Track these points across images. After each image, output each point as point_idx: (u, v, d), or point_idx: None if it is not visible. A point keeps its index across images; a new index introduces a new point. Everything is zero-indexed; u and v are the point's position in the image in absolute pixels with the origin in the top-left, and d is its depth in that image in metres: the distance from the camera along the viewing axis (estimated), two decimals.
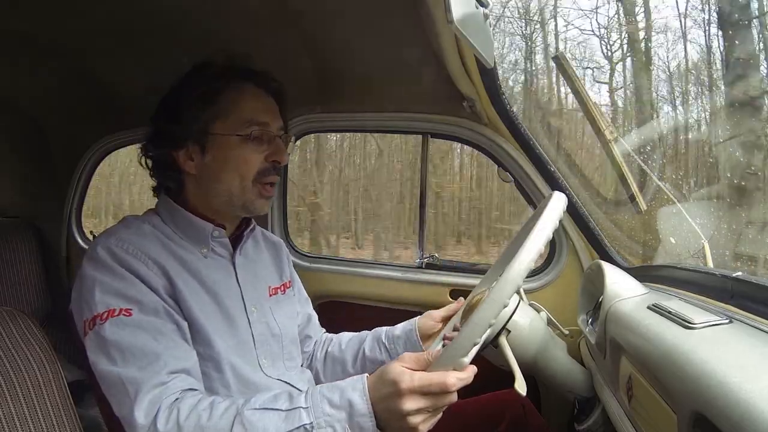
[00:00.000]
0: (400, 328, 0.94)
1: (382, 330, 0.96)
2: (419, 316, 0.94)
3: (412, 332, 0.92)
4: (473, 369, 0.59)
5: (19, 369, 0.74)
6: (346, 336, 0.99)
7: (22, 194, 1.61)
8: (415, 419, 0.58)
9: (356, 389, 0.60)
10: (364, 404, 0.58)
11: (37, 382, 0.74)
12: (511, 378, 0.64)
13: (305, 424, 0.59)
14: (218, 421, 0.60)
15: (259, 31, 0.99)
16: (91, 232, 1.63)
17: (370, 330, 0.98)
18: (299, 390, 0.84)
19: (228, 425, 0.60)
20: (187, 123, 0.77)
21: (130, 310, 0.68)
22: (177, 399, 0.63)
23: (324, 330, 1.04)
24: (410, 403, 0.57)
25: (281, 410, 0.61)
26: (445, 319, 0.93)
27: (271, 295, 0.88)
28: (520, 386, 0.63)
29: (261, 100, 0.81)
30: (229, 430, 0.59)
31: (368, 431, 0.58)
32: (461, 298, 0.94)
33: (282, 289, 0.93)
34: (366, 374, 0.62)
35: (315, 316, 1.03)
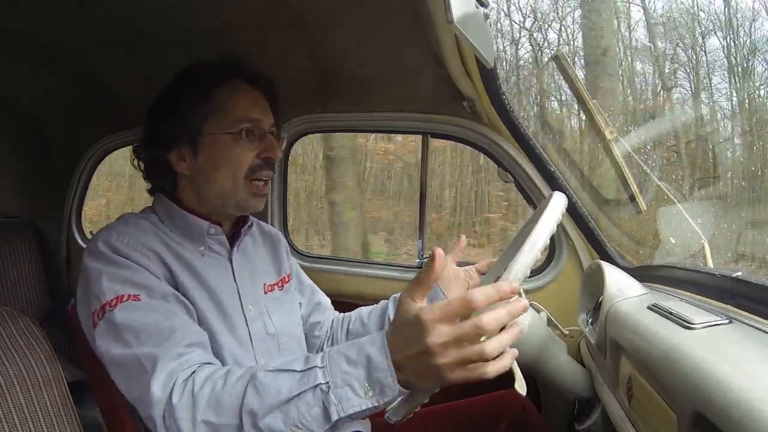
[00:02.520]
0: None
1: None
2: None
3: (435, 287, 0.90)
4: (514, 290, 0.53)
5: (19, 369, 0.74)
6: (364, 311, 0.97)
7: (22, 194, 1.61)
8: (442, 359, 0.51)
9: (374, 343, 0.55)
10: (382, 358, 0.53)
11: (37, 382, 0.74)
12: (511, 378, 0.65)
13: (320, 384, 0.55)
14: (232, 388, 0.59)
15: (259, 31, 0.99)
16: (90, 232, 1.63)
17: None
18: None
19: (241, 390, 0.58)
20: (179, 124, 0.77)
21: (139, 295, 0.67)
22: (194, 372, 0.62)
23: (337, 312, 1.02)
24: (434, 337, 0.50)
25: (296, 371, 0.57)
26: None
27: (266, 293, 0.87)
28: (520, 386, 0.63)
29: (253, 97, 0.81)
30: (242, 395, 0.57)
31: (390, 388, 0.53)
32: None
33: (280, 284, 0.91)
34: (385, 331, 0.58)
35: (324, 301, 1.01)
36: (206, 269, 0.78)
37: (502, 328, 0.52)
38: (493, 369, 0.52)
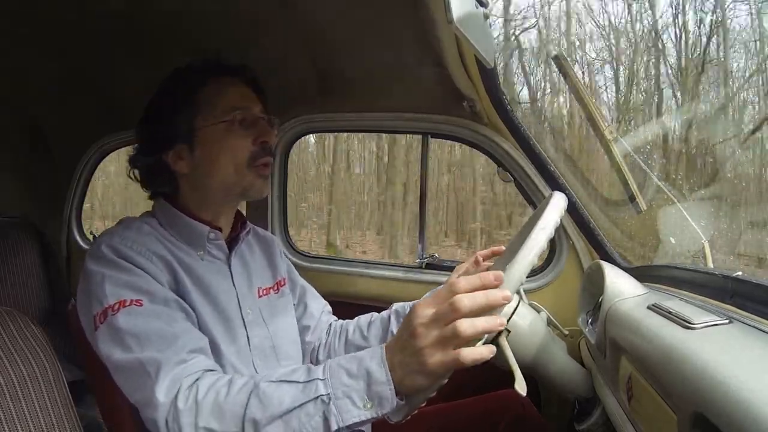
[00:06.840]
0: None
1: (404, 306, 0.94)
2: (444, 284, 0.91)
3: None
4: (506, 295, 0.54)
5: (19, 369, 0.73)
6: (363, 320, 0.97)
7: (22, 194, 1.61)
8: (423, 341, 0.53)
9: (374, 357, 0.57)
10: (382, 372, 0.55)
11: (37, 382, 0.74)
12: (511, 378, 0.64)
13: (322, 395, 0.56)
14: (235, 397, 0.59)
15: (259, 31, 0.99)
16: (90, 233, 1.63)
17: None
18: None
19: (245, 399, 0.59)
20: (172, 123, 0.78)
21: (141, 300, 0.68)
22: (198, 378, 0.63)
23: (334, 318, 1.02)
24: (419, 319, 0.54)
25: (298, 382, 0.59)
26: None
27: (260, 297, 0.88)
28: (520, 386, 0.63)
29: (238, 88, 0.82)
30: (245, 404, 0.58)
31: (388, 400, 0.55)
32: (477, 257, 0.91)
33: (276, 288, 0.92)
34: (384, 343, 0.60)
35: (315, 305, 1.01)
36: (206, 274, 0.79)
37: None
38: (468, 355, 0.53)
